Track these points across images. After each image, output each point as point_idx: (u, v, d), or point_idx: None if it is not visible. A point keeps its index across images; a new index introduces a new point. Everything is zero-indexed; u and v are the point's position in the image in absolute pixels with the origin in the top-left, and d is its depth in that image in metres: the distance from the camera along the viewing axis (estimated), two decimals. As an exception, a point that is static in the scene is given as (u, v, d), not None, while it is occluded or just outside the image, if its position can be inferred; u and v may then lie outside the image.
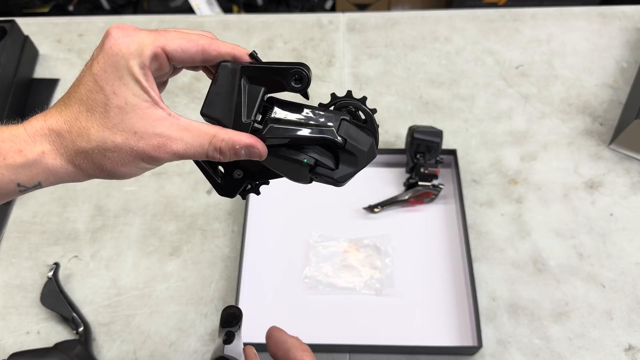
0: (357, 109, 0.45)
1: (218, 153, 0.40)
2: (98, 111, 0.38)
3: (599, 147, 0.87)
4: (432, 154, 0.78)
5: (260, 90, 0.42)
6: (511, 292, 0.73)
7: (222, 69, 0.42)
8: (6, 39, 0.94)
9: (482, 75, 0.97)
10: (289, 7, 1.98)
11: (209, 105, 0.42)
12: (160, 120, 0.39)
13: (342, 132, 0.42)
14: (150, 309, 0.73)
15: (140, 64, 0.37)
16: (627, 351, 0.68)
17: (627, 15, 1.05)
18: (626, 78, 0.95)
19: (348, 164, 0.43)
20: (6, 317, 0.73)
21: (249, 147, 0.41)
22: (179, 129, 0.39)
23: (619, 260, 0.75)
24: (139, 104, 0.38)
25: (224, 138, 0.40)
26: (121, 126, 0.38)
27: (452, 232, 0.78)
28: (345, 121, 0.43)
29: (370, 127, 0.45)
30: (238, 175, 0.46)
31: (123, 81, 0.37)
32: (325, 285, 0.74)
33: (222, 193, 0.47)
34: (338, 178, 0.43)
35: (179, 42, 0.39)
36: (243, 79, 0.42)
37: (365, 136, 0.43)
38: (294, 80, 0.42)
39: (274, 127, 0.42)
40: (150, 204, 0.83)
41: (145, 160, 0.39)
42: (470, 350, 0.68)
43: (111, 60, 0.37)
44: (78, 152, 0.38)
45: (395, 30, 1.05)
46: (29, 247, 0.79)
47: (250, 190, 0.48)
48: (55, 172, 0.39)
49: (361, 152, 0.43)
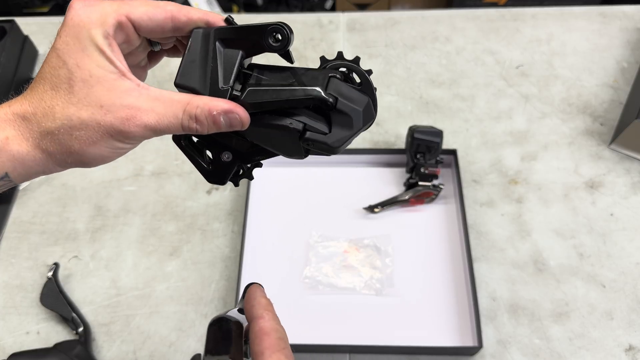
0: (350, 70, 0.40)
1: (194, 122, 0.37)
2: (62, 87, 0.35)
3: (600, 147, 0.86)
4: (432, 154, 0.78)
5: (238, 54, 0.38)
6: (511, 292, 0.73)
7: (194, 34, 0.38)
8: (6, 39, 0.94)
9: (483, 75, 0.97)
10: (289, 6, 1.97)
11: (183, 75, 0.38)
12: (128, 91, 0.36)
13: (331, 90, 0.38)
14: (150, 309, 0.73)
15: (103, 33, 0.35)
16: (628, 351, 0.68)
17: (627, 15, 1.04)
18: (626, 78, 0.95)
19: (342, 126, 0.39)
20: (6, 317, 0.73)
21: (228, 113, 0.37)
22: (149, 99, 0.36)
23: (619, 260, 0.75)
24: (105, 75, 0.35)
25: (198, 104, 0.37)
26: (86, 100, 0.35)
27: (452, 232, 0.78)
28: (335, 78, 0.39)
29: (367, 88, 0.40)
30: (227, 158, 0.42)
31: (86, 52, 0.35)
32: (325, 286, 0.74)
33: (211, 180, 0.43)
34: (332, 143, 0.39)
35: (145, 9, 0.36)
36: (218, 42, 0.38)
37: (359, 94, 0.39)
38: (273, 39, 0.38)
39: (252, 90, 0.38)
40: (150, 204, 0.83)
41: (115, 137, 0.36)
42: (470, 351, 0.68)
43: (73, 32, 0.35)
44: (44, 134, 0.36)
45: (395, 30, 1.05)
46: (29, 247, 0.79)
47: (242, 175, 0.44)
48: (22, 160, 0.36)
49: (356, 112, 0.38)
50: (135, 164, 0.87)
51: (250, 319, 0.38)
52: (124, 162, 0.87)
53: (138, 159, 0.88)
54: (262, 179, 0.83)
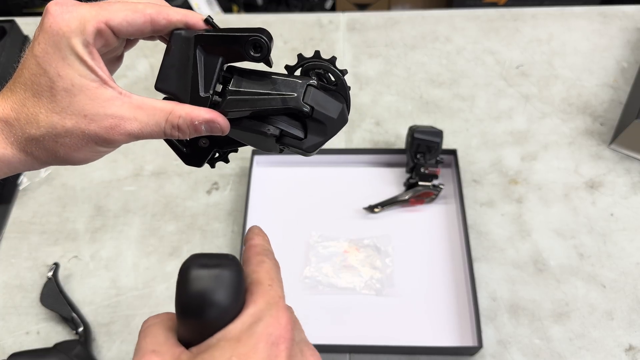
0: (326, 70, 0.42)
1: (177, 131, 0.38)
2: (44, 95, 0.35)
3: (600, 147, 0.86)
4: (432, 154, 0.78)
5: (218, 60, 0.39)
6: (511, 292, 0.73)
7: (174, 38, 0.38)
8: (6, 39, 0.94)
9: (483, 75, 0.97)
10: (289, 6, 1.97)
11: (163, 79, 0.39)
12: (110, 100, 0.36)
13: (308, 100, 0.39)
14: (150, 309, 0.73)
15: (83, 42, 0.35)
16: (628, 351, 0.68)
17: (627, 15, 1.04)
18: (626, 78, 0.95)
19: (317, 133, 0.41)
20: (6, 317, 0.73)
21: (209, 123, 0.38)
22: (131, 108, 0.37)
23: (619, 261, 0.75)
24: (87, 84, 0.35)
25: (181, 114, 0.37)
26: (70, 109, 0.35)
27: (452, 232, 0.78)
28: (312, 87, 0.40)
29: (341, 89, 0.41)
30: (204, 144, 0.43)
31: (67, 62, 0.35)
32: (325, 286, 0.74)
33: (189, 162, 0.44)
34: (306, 148, 0.41)
35: (124, 15, 0.36)
36: (198, 49, 0.38)
37: (334, 102, 0.40)
38: (253, 49, 0.38)
39: (233, 99, 0.39)
40: (150, 204, 0.83)
41: (99, 144, 0.37)
42: (470, 351, 0.68)
43: (52, 40, 0.35)
44: (29, 140, 0.36)
45: (396, 30, 1.05)
46: (29, 247, 0.79)
47: (218, 158, 0.45)
48: (7, 162, 0.37)
49: (330, 120, 0.40)
50: (135, 164, 0.87)
51: (244, 245, 0.39)
52: (123, 162, 0.87)
53: (138, 159, 0.88)
54: (262, 179, 0.83)
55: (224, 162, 0.45)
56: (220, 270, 0.30)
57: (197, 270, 0.30)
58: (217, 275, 0.30)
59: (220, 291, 0.29)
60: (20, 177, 0.86)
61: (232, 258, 0.31)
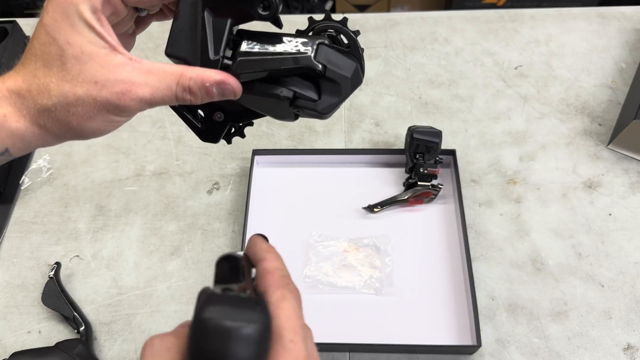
0: (338, 32, 0.41)
1: (188, 93, 0.37)
2: (55, 64, 0.35)
3: (598, 147, 0.87)
4: (431, 154, 0.79)
5: (227, 22, 0.38)
6: (510, 291, 0.73)
7: (182, 2, 0.38)
8: (7, 40, 0.94)
9: (481, 76, 0.97)
10: (289, 8, 1.98)
11: (173, 44, 0.38)
12: (121, 66, 0.36)
13: (320, 58, 0.39)
14: (151, 309, 0.74)
15: (91, 8, 0.35)
16: (626, 350, 0.68)
17: (625, 16, 1.05)
18: (625, 78, 0.96)
19: (331, 93, 0.40)
20: (7, 317, 0.74)
21: (221, 84, 0.37)
22: (142, 73, 0.36)
23: (617, 260, 0.75)
24: (96, 51, 0.35)
25: (191, 76, 0.37)
26: (80, 77, 0.35)
27: (451, 232, 0.78)
28: (324, 45, 0.39)
29: (354, 51, 0.41)
30: (219, 118, 0.42)
31: (76, 29, 0.34)
32: (325, 285, 0.74)
33: (204, 138, 0.43)
34: (321, 110, 0.40)
35: None
36: (206, 11, 0.38)
37: (347, 60, 0.40)
38: (261, 7, 0.38)
39: (243, 60, 0.38)
40: (151, 203, 0.84)
41: (112, 111, 0.36)
42: (469, 350, 0.68)
43: (60, 8, 0.34)
44: (41, 111, 0.36)
45: (395, 31, 1.05)
46: (30, 246, 0.80)
47: (234, 133, 0.44)
48: (21, 136, 0.36)
49: (344, 79, 0.39)
50: (136, 164, 0.88)
51: (254, 263, 0.38)
52: (125, 162, 0.88)
53: (139, 159, 0.88)
54: (262, 179, 0.83)
55: (240, 137, 0.44)
56: (245, 326, 0.26)
57: (219, 322, 0.26)
58: (242, 334, 0.26)
59: (243, 352, 0.26)
60: (22, 176, 0.86)
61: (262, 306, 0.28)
